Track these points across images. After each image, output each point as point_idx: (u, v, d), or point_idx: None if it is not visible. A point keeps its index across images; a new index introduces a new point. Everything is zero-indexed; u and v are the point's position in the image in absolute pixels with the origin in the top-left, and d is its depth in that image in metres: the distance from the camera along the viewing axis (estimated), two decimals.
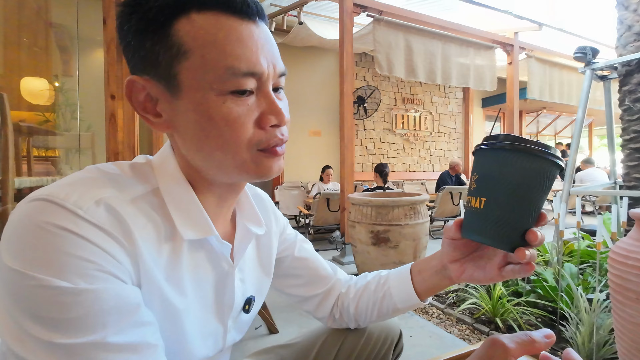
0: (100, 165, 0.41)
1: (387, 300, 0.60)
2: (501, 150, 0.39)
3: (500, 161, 0.39)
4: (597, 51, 2.54)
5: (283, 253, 0.63)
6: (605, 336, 1.43)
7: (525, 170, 0.38)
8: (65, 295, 0.31)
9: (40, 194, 0.34)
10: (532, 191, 0.39)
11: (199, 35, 0.36)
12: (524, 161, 0.38)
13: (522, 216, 0.39)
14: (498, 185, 0.39)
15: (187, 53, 0.36)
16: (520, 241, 0.40)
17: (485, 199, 0.40)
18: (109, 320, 0.32)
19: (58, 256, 0.31)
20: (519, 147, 0.38)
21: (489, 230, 0.40)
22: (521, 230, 0.40)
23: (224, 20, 0.37)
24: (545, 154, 0.38)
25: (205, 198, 0.45)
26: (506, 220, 0.39)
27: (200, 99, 0.37)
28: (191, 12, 0.36)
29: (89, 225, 0.33)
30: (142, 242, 0.37)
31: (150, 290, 0.38)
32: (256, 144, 0.40)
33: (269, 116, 0.40)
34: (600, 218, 1.59)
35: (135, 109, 0.40)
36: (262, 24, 0.40)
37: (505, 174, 0.39)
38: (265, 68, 0.39)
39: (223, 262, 0.47)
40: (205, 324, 0.46)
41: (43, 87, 3.19)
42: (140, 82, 0.39)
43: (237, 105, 0.38)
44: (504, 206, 0.39)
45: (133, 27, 0.37)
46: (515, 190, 0.39)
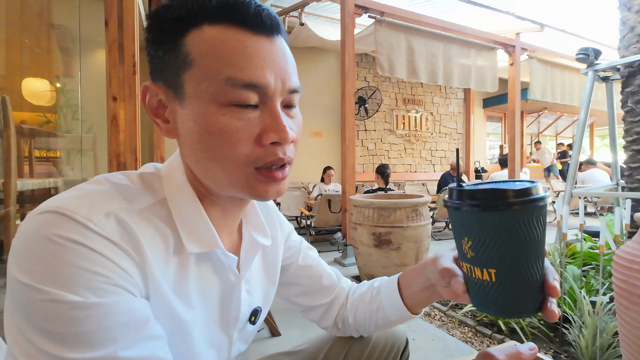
0: (109, 175, 0.41)
1: (381, 312, 0.59)
2: (498, 212, 0.33)
3: (503, 224, 0.33)
4: (600, 52, 2.54)
5: (288, 260, 0.62)
6: (609, 339, 1.43)
7: (530, 224, 0.33)
8: (76, 309, 0.30)
9: (50, 206, 0.34)
10: (540, 243, 0.35)
11: (204, 46, 0.36)
12: (526, 215, 0.33)
13: (537, 274, 0.36)
14: (505, 252, 0.34)
15: (192, 63, 0.36)
16: (539, 297, 0.36)
17: (495, 270, 0.35)
18: (120, 334, 0.32)
19: (69, 269, 0.31)
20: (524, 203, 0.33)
21: (509, 303, 0.35)
22: (538, 288, 0.36)
23: (232, 32, 0.36)
24: (542, 199, 0.34)
25: (211, 209, 0.44)
26: (526, 286, 0.35)
27: (200, 108, 0.37)
28: (203, 24, 0.36)
29: (100, 238, 0.33)
30: (151, 255, 0.37)
31: (158, 303, 0.38)
32: (253, 161, 0.38)
33: (270, 133, 0.38)
34: (604, 220, 1.59)
35: (149, 113, 0.41)
36: (277, 39, 0.39)
37: (513, 236, 0.33)
38: (270, 81, 0.37)
39: (230, 274, 0.46)
40: (211, 336, 0.45)
41: (45, 88, 3.19)
42: (153, 88, 0.40)
43: (236, 119, 0.37)
44: (520, 272, 0.34)
45: (151, 37, 0.39)
46: (526, 250, 0.34)
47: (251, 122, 0.37)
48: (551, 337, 1.69)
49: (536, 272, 0.35)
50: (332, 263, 3.23)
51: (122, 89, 2.06)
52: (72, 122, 3.23)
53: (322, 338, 0.68)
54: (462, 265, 0.40)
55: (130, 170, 0.43)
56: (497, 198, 0.33)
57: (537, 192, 0.34)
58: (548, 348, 1.62)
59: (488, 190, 0.34)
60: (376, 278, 0.65)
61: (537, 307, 0.37)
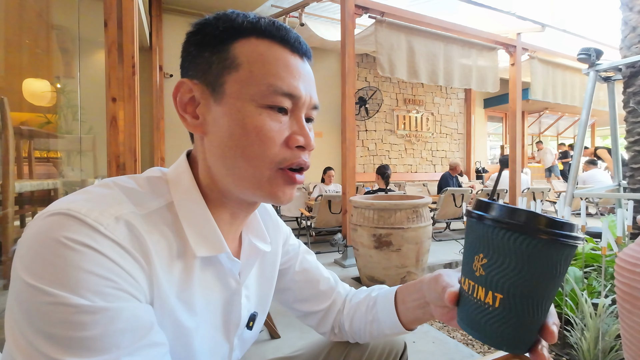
0: (117, 179, 0.41)
1: (376, 324, 0.59)
2: (528, 237, 0.31)
3: (529, 250, 0.31)
4: (601, 52, 2.52)
5: (285, 265, 0.62)
6: (611, 342, 1.42)
7: (556, 261, 0.31)
8: (82, 313, 0.30)
9: (60, 208, 0.34)
10: (555, 283, 0.32)
11: (252, 54, 0.40)
12: (554, 249, 0.31)
13: (541, 314, 0.33)
14: (520, 281, 0.32)
15: (238, 66, 0.40)
16: (533, 337, 0.35)
17: (502, 296, 0.32)
18: (123, 340, 0.32)
19: (77, 273, 0.31)
20: (558, 236, 0.30)
21: (502, 334, 0.33)
22: (537, 328, 0.34)
23: (276, 48, 0.41)
24: (575, 239, 0.31)
25: (219, 214, 0.45)
26: (526, 322, 0.33)
27: (239, 107, 0.40)
28: (252, 36, 0.41)
29: (110, 242, 0.33)
30: (157, 260, 0.37)
31: (162, 309, 0.38)
32: (279, 161, 0.41)
33: (298, 137, 0.42)
34: (606, 221, 1.58)
35: (177, 107, 0.43)
36: (307, 62, 0.45)
37: (535, 268, 0.31)
38: (303, 94, 0.42)
39: (231, 280, 0.46)
40: (213, 343, 0.45)
41: (45, 89, 3.19)
42: (189, 84, 0.42)
43: (271, 120, 0.40)
44: (526, 307, 0.32)
45: (198, 41, 0.42)
46: (542, 286, 0.32)
47: (282, 126, 0.41)
48: None
49: (541, 311, 0.34)
50: (332, 264, 3.22)
51: (121, 89, 2.06)
52: (73, 123, 3.23)
53: (319, 343, 0.67)
54: (463, 281, 0.38)
55: (137, 174, 0.44)
56: (532, 221, 0.31)
57: (574, 231, 0.32)
58: (549, 350, 1.61)
59: (523, 211, 0.32)
60: (375, 286, 0.64)
61: (528, 347, 0.35)
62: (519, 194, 4.53)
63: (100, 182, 0.40)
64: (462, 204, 4.17)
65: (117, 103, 2.04)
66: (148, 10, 4.24)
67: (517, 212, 0.32)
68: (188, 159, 0.46)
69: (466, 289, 0.37)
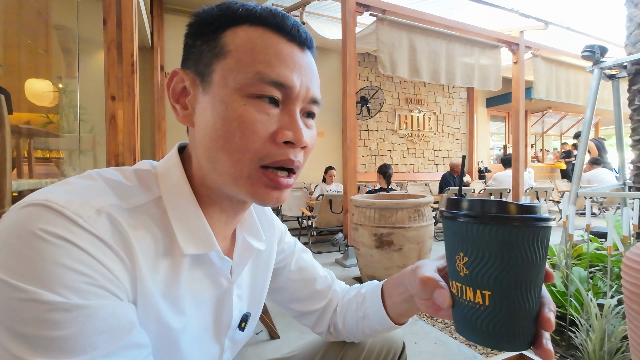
0: (102, 170, 0.39)
1: (367, 321, 0.57)
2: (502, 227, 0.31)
3: (505, 240, 0.31)
4: (606, 50, 2.49)
5: (281, 263, 0.60)
6: (617, 343, 1.39)
7: (533, 245, 0.31)
8: (55, 311, 0.28)
9: (37, 199, 0.31)
10: (540, 268, 0.32)
11: (241, 41, 0.38)
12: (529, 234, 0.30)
13: (533, 303, 0.33)
14: (504, 272, 0.31)
15: (226, 53, 0.38)
16: (532, 329, 0.33)
17: (490, 292, 0.32)
18: (100, 340, 0.30)
19: (52, 268, 0.29)
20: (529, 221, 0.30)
21: (500, 331, 0.32)
22: (533, 319, 0.33)
23: (270, 35, 0.39)
24: (546, 220, 0.31)
25: (210, 211, 0.43)
26: (520, 314, 0.32)
27: (224, 96, 0.37)
28: (245, 24, 0.39)
29: (89, 236, 0.31)
30: (142, 257, 0.35)
31: (146, 308, 0.35)
32: (262, 157, 0.38)
33: (286, 131, 0.38)
34: (611, 221, 1.54)
35: (170, 97, 0.42)
36: (307, 52, 0.42)
37: (514, 256, 0.31)
38: (296, 84, 0.39)
39: (222, 279, 0.44)
40: (202, 344, 0.43)
41: (47, 89, 3.19)
42: (182, 74, 0.41)
43: (256, 111, 0.37)
44: (516, 298, 0.32)
45: (192, 30, 0.41)
46: (526, 273, 0.31)
47: (269, 118, 0.38)
48: (557, 340, 1.65)
49: (532, 300, 0.33)
50: (333, 264, 3.20)
51: (120, 88, 2.05)
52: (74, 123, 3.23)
53: (315, 343, 0.65)
54: (452, 285, 0.36)
55: (125, 167, 0.41)
56: (501, 211, 0.32)
57: (542, 212, 0.32)
58: (554, 352, 1.58)
59: (492, 201, 0.32)
60: (365, 283, 0.62)
61: (529, 342, 0.33)
62: (522, 193, 4.49)
63: (84, 174, 0.38)
64: None
65: (116, 102, 2.03)
66: (149, 10, 4.24)
67: (486, 203, 0.32)
68: (182, 152, 0.44)
69: (455, 292, 0.35)
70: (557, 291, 1.80)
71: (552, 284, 1.88)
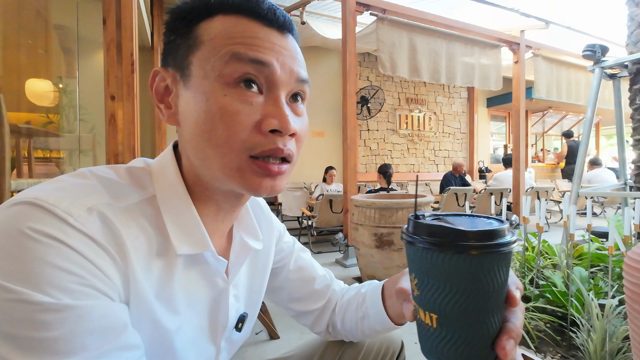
0: (94, 168, 0.38)
1: (367, 321, 0.56)
2: (436, 253, 0.29)
3: (442, 266, 0.29)
4: (607, 49, 2.48)
5: (279, 263, 0.59)
6: (618, 344, 1.38)
7: (482, 272, 0.28)
8: (45, 311, 0.27)
9: (27, 197, 0.31)
10: (494, 295, 0.30)
11: (215, 30, 0.37)
12: (476, 262, 0.28)
13: (490, 327, 0.31)
14: (447, 299, 0.30)
15: (200, 44, 0.37)
16: (491, 355, 0.32)
17: (436, 315, 0.31)
18: (91, 342, 0.29)
19: (41, 267, 0.28)
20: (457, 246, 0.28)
21: (450, 356, 0.31)
22: (489, 343, 0.31)
23: (244, 22, 0.38)
24: (495, 246, 0.28)
25: (205, 209, 0.42)
26: (471, 340, 0.30)
27: (204, 87, 0.36)
28: (218, 14, 0.38)
29: (80, 235, 0.30)
30: (135, 256, 0.34)
31: (139, 309, 0.35)
32: (249, 147, 0.36)
33: (271, 119, 0.37)
34: (612, 221, 1.54)
35: (153, 98, 0.41)
36: (288, 36, 0.40)
37: (456, 283, 0.29)
38: (276, 65, 0.37)
39: (218, 279, 0.44)
40: (198, 346, 0.42)
41: (47, 89, 3.19)
42: (162, 72, 0.40)
43: (238, 101, 0.36)
44: (466, 324, 0.30)
45: (169, 27, 0.40)
46: (472, 301, 0.29)
47: (253, 108, 0.36)
48: (558, 341, 1.64)
49: (487, 326, 0.30)
50: (333, 264, 3.19)
51: (120, 88, 2.04)
52: (74, 123, 3.23)
53: (313, 343, 0.65)
54: (415, 309, 0.35)
55: (118, 164, 0.41)
56: (438, 236, 0.29)
57: (501, 236, 0.29)
58: (555, 352, 1.58)
59: (430, 225, 0.30)
60: (365, 282, 0.62)
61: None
62: (523, 193, 4.48)
63: (76, 172, 0.37)
64: (465, 203, 4.13)
65: (116, 102, 2.03)
66: (149, 9, 4.23)
67: (420, 226, 0.30)
68: (176, 150, 0.43)
69: (415, 311, 0.35)
70: (558, 291, 1.80)
71: (553, 284, 1.87)
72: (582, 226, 3.14)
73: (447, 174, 5.12)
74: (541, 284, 1.93)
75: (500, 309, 0.31)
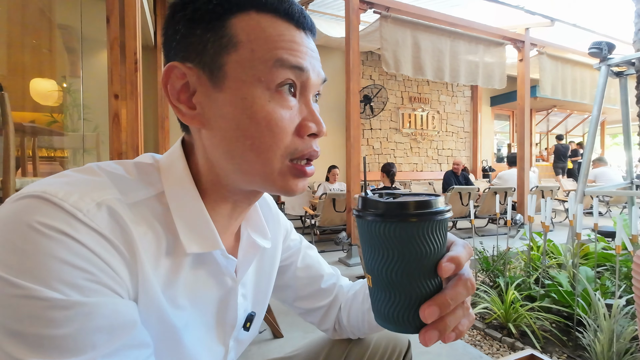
0: (102, 163, 0.37)
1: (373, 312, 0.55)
2: (360, 219, 0.34)
3: (367, 231, 0.33)
4: (614, 46, 2.45)
5: (287, 261, 0.58)
6: (626, 344, 1.36)
7: (396, 238, 0.32)
8: (55, 308, 0.27)
9: (34, 191, 0.30)
10: (417, 261, 0.32)
11: (253, 31, 0.36)
12: (390, 229, 0.32)
13: (414, 292, 0.32)
14: (374, 259, 0.33)
15: (237, 45, 0.35)
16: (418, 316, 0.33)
17: (371, 276, 0.34)
18: (101, 340, 0.28)
19: (50, 263, 0.27)
20: (375, 213, 0.32)
21: (385, 313, 0.34)
22: (417, 307, 0.33)
23: (279, 23, 0.37)
24: (409, 215, 0.31)
25: (216, 208, 0.41)
26: (398, 301, 0.33)
27: (245, 93, 0.35)
28: (251, 11, 0.36)
29: (89, 230, 0.30)
30: (144, 253, 0.33)
31: (147, 307, 0.34)
32: (291, 152, 0.37)
33: (309, 123, 0.38)
34: (620, 220, 1.52)
35: (169, 97, 0.38)
36: (311, 39, 0.41)
37: (375, 246, 0.33)
38: (310, 69, 0.38)
39: (227, 278, 0.43)
40: (206, 345, 0.42)
41: (51, 88, 3.20)
42: (181, 68, 0.37)
43: (281, 107, 0.36)
44: (388, 284, 0.33)
45: (187, 16, 0.36)
46: (399, 265, 0.32)
47: (292, 112, 0.37)
48: (564, 341, 1.63)
49: (417, 289, 0.32)
50: (337, 263, 3.18)
51: (123, 86, 2.04)
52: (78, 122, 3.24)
53: (319, 341, 0.64)
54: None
55: (126, 160, 0.40)
56: (362, 205, 0.34)
57: (430, 207, 0.32)
58: (561, 352, 1.56)
59: (367, 198, 0.34)
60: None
61: (413, 327, 0.33)
62: (527, 192, 4.46)
63: (85, 166, 0.37)
64: (469, 202, 4.11)
65: (120, 100, 2.03)
66: (152, 8, 4.24)
67: (366, 200, 0.34)
68: (183, 147, 0.42)
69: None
70: (564, 291, 1.78)
71: (559, 284, 1.85)
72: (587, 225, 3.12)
73: (447, 173, 5.10)
74: (547, 283, 1.91)
75: (433, 276, 0.33)
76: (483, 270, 2.32)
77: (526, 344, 1.61)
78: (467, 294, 0.33)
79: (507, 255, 2.14)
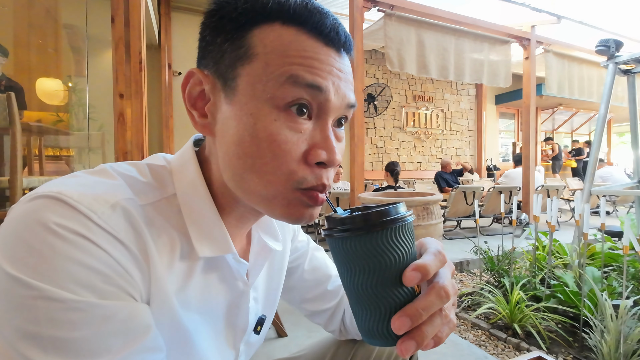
0: (115, 164, 0.37)
1: None
2: (326, 238, 0.33)
3: (331, 248, 0.33)
4: (621, 44, 2.42)
5: (294, 263, 0.58)
6: (633, 346, 1.35)
7: (355, 251, 0.31)
8: (70, 310, 0.26)
9: (49, 191, 0.30)
10: (380, 271, 0.31)
11: (270, 43, 0.33)
12: (346, 243, 0.31)
13: (384, 304, 0.31)
14: (342, 274, 0.33)
15: (252, 57, 0.33)
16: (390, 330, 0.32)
17: (347, 292, 0.34)
18: (115, 343, 0.28)
19: (66, 264, 0.27)
20: (330, 229, 0.32)
21: (364, 328, 0.33)
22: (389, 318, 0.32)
23: (304, 37, 0.34)
24: (360, 228, 0.30)
25: (226, 213, 0.40)
26: (371, 315, 0.32)
27: (252, 109, 0.33)
28: (276, 22, 0.34)
29: (103, 233, 0.29)
30: (157, 255, 0.33)
31: (159, 310, 0.34)
32: (297, 181, 0.34)
33: (319, 150, 0.34)
34: (628, 220, 1.50)
35: (186, 102, 0.37)
36: (345, 57, 0.37)
37: (341, 261, 0.33)
38: (330, 89, 0.34)
39: (238, 282, 0.42)
40: (217, 349, 0.41)
41: (57, 88, 3.23)
42: (200, 75, 0.36)
43: (287, 128, 0.33)
44: (359, 298, 0.32)
45: (213, 24, 0.35)
46: (360, 277, 0.31)
47: (301, 136, 0.34)
48: (570, 341, 1.62)
49: (386, 301, 0.31)
50: None
51: (128, 86, 2.05)
52: (84, 121, 3.27)
53: (325, 342, 0.64)
54: None
55: (138, 161, 0.39)
56: (326, 224, 0.34)
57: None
58: (567, 353, 1.55)
59: (326, 217, 0.35)
60: None
61: (385, 339, 0.32)
62: (533, 191, 4.42)
63: (98, 167, 0.36)
64: (474, 201, 4.09)
65: (125, 100, 2.04)
66: (157, 8, 4.26)
67: (328, 219, 0.33)
68: (197, 146, 0.42)
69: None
70: (570, 291, 1.76)
71: (565, 284, 1.84)
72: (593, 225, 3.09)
73: (437, 174, 5.16)
74: (552, 283, 1.90)
75: (403, 285, 0.32)
76: (488, 270, 2.30)
77: (531, 345, 1.60)
78: (442, 303, 0.31)
79: (512, 255, 2.12)
